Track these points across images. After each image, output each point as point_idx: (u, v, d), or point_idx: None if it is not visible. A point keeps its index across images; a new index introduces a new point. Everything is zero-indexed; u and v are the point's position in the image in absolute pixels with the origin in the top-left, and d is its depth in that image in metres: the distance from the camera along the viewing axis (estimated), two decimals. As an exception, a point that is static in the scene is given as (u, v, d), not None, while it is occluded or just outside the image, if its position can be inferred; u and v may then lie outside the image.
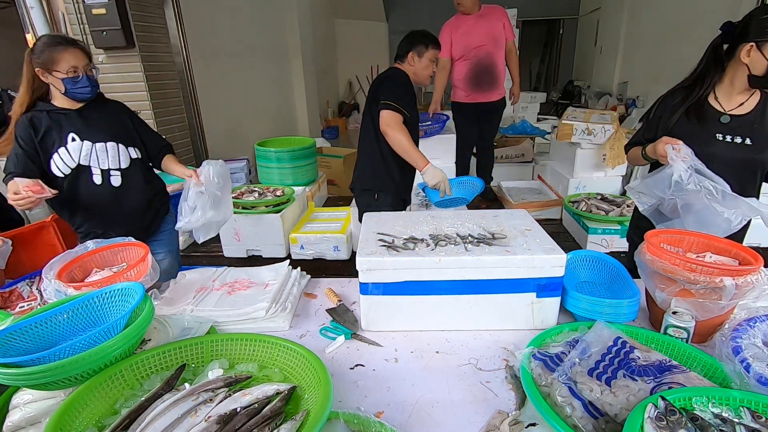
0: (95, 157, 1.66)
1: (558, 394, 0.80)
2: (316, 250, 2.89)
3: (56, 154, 1.59)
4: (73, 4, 3.13)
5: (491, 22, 3.51)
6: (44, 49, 1.54)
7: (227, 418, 0.76)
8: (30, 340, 0.92)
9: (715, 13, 4.73)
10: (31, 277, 1.54)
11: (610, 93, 7.24)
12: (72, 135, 1.62)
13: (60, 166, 1.60)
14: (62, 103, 1.62)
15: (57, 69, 1.54)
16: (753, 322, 0.95)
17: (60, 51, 1.54)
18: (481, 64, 3.55)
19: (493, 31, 3.51)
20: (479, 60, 3.55)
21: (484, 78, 3.59)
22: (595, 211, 3.02)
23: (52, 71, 1.54)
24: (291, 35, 6.56)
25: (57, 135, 1.60)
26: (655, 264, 1.06)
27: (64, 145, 1.60)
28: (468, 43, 3.51)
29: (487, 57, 3.55)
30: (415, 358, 1.07)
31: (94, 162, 1.66)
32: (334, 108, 9.53)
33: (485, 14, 3.52)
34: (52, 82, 1.57)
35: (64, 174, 1.61)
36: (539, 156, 4.67)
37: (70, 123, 1.63)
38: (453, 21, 3.56)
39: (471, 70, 3.57)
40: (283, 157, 3.64)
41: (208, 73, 4.48)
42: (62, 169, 1.61)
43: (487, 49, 3.53)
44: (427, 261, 1.10)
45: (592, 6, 8.37)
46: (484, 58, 3.55)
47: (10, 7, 6.17)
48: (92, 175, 1.66)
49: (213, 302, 1.24)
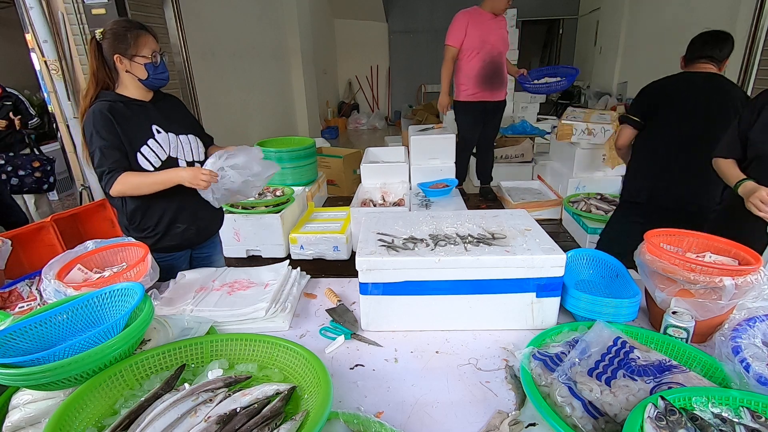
0: (181, 149, 1.59)
1: (558, 394, 0.80)
2: (315, 250, 2.89)
3: (145, 146, 1.50)
4: (72, 4, 3.12)
5: (503, 26, 3.60)
6: (125, 33, 1.45)
7: (227, 418, 0.76)
8: (30, 341, 0.92)
9: (714, 13, 4.74)
10: (31, 277, 1.54)
11: (609, 93, 7.24)
12: (155, 127, 1.53)
13: (151, 159, 1.50)
14: (134, 94, 1.53)
15: (141, 54, 1.46)
16: (753, 322, 0.95)
17: (143, 35, 1.47)
18: (494, 62, 3.56)
19: (504, 34, 3.60)
20: (493, 58, 3.54)
21: (495, 76, 3.60)
22: (595, 211, 3.02)
23: (134, 57, 1.46)
24: (291, 35, 6.56)
25: (141, 126, 1.51)
26: (655, 264, 1.06)
27: (153, 137, 1.51)
28: (486, 39, 3.48)
29: (499, 56, 3.58)
30: (414, 358, 1.07)
31: (181, 154, 1.59)
32: (334, 108, 9.53)
33: (501, 17, 3.58)
34: (132, 69, 1.47)
35: (155, 167, 1.51)
36: (539, 156, 4.67)
37: (149, 114, 1.54)
38: (470, 12, 3.50)
39: (485, 66, 3.54)
40: (282, 157, 3.63)
41: (208, 73, 4.48)
42: (153, 161, 1.51)
43: (500, 49, 3.57)
44: (426, 261, 1.10)
45: (592, 6, 8.38)
46: (497, 56, 3.56)
47: (9, 7, 6.18)
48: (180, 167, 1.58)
49: (213, 302, 1.24)
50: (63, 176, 5.23)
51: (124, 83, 1.52)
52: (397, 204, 3.06)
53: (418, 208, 2.98)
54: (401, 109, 9.73)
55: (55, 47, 3.20)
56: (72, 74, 3.31)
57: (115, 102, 1.48)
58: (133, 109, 1.51)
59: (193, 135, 1.65)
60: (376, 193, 3.29)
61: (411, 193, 3.22)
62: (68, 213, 2.26)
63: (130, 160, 1.48)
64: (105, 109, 1.44)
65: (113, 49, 1.45)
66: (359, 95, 10.33)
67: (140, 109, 1.53)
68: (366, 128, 9.55)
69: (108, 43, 1.45)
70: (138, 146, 1.49)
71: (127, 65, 1.47)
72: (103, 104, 1.46)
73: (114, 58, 1.46)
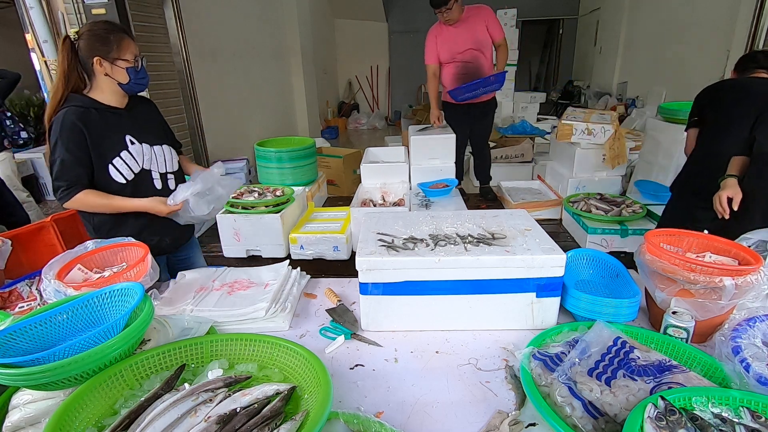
0: (155, 160, 1.54)
1: (558, 394, 0.80)
2: (315, 250, 2.89)
3: (118, 158, 1.44)
4: (72, 4, 3.12)
5: (474, 25, 3.47)
6: (107, 36, 1.38)
7: (227, 418, 0.76)
8: (30, 341, 0.92)
9: (714, 13, 4.73)
10: (31, 277, 1.54)
11: (609, 93, 7.25)
12: (129, 137, 1.47)
13: (123, 171, 1.45)
14: (109, 100, 1.45)
15: (123, 57, 1.40)
16: (753, 322, 0.95)
17: (125, 37, 1.41)
18: (467, 67, 3.58)
19: (476, 34, 3.49)
20: (465, 64, 3.58)
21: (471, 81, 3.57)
22: (595, 211, 3.02)
23: (116, 60, 1.39)
24: (291, 35, 6.56)
25: (114, 137, 1.44)
26: (655, 264, 1.06)
27: (126, 149, 1.45)
28: (453, 48, 3.54)
29: (473, 60, 3.55)
30: (414, 358, 1.07)
31: (155, 166, 1.54)
32: (334, 108, 9.53)
33: (468, 17, 3.47)
34: (112, 73, 1.41)
35: (126, 180, 1.46)
36: (539, 156, 4.67)
37: (123, 123, 1.47)
38: (436, 28, 3.58)
39: (458, 73, 3.61)
40: (282, 157, 3.63)
41: (208, 73, 4.48)
42: (125, 173, 1.46)
43: (472, 53, 3.53)
44: (426, 261, 1.10)
45: (592, 6, 8.38)
46: (470, 61, 3.56)
47: (9, 7, 6.18)
48: (153, 179, 1.54)
49: (213, 302, 1.24)
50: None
51: (99, 87, 1.44)
52: (397, 204, 3.05)
53: (418, 208, 2.97)
54: (401, 109, 9.74)
55: (55, 47, 3.20)
56: (72, 74, 3.30)
57: (89, 109, 1.41)
58: (107, 118, 1.44)
59: (168, 145, 1.61)
60: (376, 193, 3.28)
61: (411, 193, 3.22)
62: (68, 213, 2.26)
63: (100, 171, 1.43)
64: (76, 118, 1.36)
65: (93, 51, 1.38)
66: (359, 95, 10.33)
67: (114, 118, 1.46)
68: (366, 128, 9.56)
69: (86, 44, 1.39)
70: (110, 158, 1.43)
71: (108, 68, 1.41)
72: (75, 111, 1.38)
73: (93, 60, 1.39)
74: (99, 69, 1.40)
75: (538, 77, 11.29)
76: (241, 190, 3.09)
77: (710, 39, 4.69)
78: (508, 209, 2.62)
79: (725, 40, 4.39)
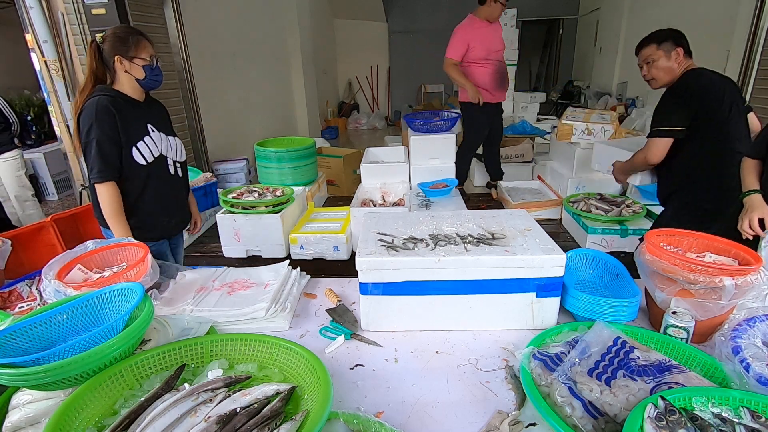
0: (170, 148, 1.73)
1: (558, 394, 0.80)
2: (315, 250, 2.89)
3: (141, 141, 1.61)
4: (72, 4, 3.13)
5: (499, 28, 3.73)
6: (127, 37, 1.57)
7: (227, 418, 0.76)
8: (30, 341, 0.92)
9: (714, 13, 4.74)
10: (31, 277, 1.54)
11: (609, 93, 7.24)
12: (150, 125, 1.66)
13: (145, 154, 1.63)
14: (129, 93, 1.63)
15: (140, 56, 1.58)
16: (752, 322, 0.95)
17: (142, 39, 1.60)
18: (501, 66, 3.75)
19: (501, 36, 3.74)
20: (500, 63, 3.73)
21: (505, 79, 3.79)
22: (595, 211, 3.02)
23: (134, 59, 1.57)
24: (291, 35, 6.56)
25: (139, 122, 1.62)
26: (655, 264, 1.06)
27: (149, 134, 1.64)
28: (490, 47, 3.63)
29: (503, 60, 3.78)
30: (414, 358, 1.07)
31: (170, 153, 1.73)
32: (334, 108, 9.53)
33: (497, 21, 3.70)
34: (131, 69, 1.59)
35: (147, 162, 1.63)
36: (539, 156, 4.67)
37: (144, 113, 1.66)
38: (468, 25, 3.61)
39: (496, 72, 3.71)
40: (282, 157, 3.63)
41: (208, 73, 4.48)
42: (147, 157, 1.63)
43: (503, 53, 3.76)
44: (426, 261, 1.10)
45: (592, 6, 8.38)
46: (502, 61, 3.77)
47: (9, 7, 6.18)
48: (168, 165, 1.73)
49: (213, 302, 1.24)
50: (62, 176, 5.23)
51: (120, 82, 1.62)
52: (397, 204, 3.05)
53: (418, 208, 2.97)
54: (401, 109, 9.73)
55: (55, 47, 3.20)
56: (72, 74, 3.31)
57: (116, 97, 1.58)
58: (131, 106, 1.62)
59: (179, 139, 1.82)
60: (376, 193, 3.28)
61: (411, 193, 3.22)
62: (68, 213, 2.26)
63: (125, 153, 1.59)
64: (108, 103, 1.53)
65: (114, 51, 1.56)
66: (359, 95, 10.33)
67: (136, 108, 1.64)
68: (366, 128, 9.55)
69: (109, 45, 1.56)
70: (135, 141, 1.60)
71: (127, 66, 1.58)
72: (105, 98, 1.54)
73: (114, 59, 1.56)
74: (119, 66, 1.58)
75: (538, 77, 11.28)
76: (241, 190, 3.09)
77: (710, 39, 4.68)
78: (508, 209, 2.62)
79: (725, 40, 4.39)
